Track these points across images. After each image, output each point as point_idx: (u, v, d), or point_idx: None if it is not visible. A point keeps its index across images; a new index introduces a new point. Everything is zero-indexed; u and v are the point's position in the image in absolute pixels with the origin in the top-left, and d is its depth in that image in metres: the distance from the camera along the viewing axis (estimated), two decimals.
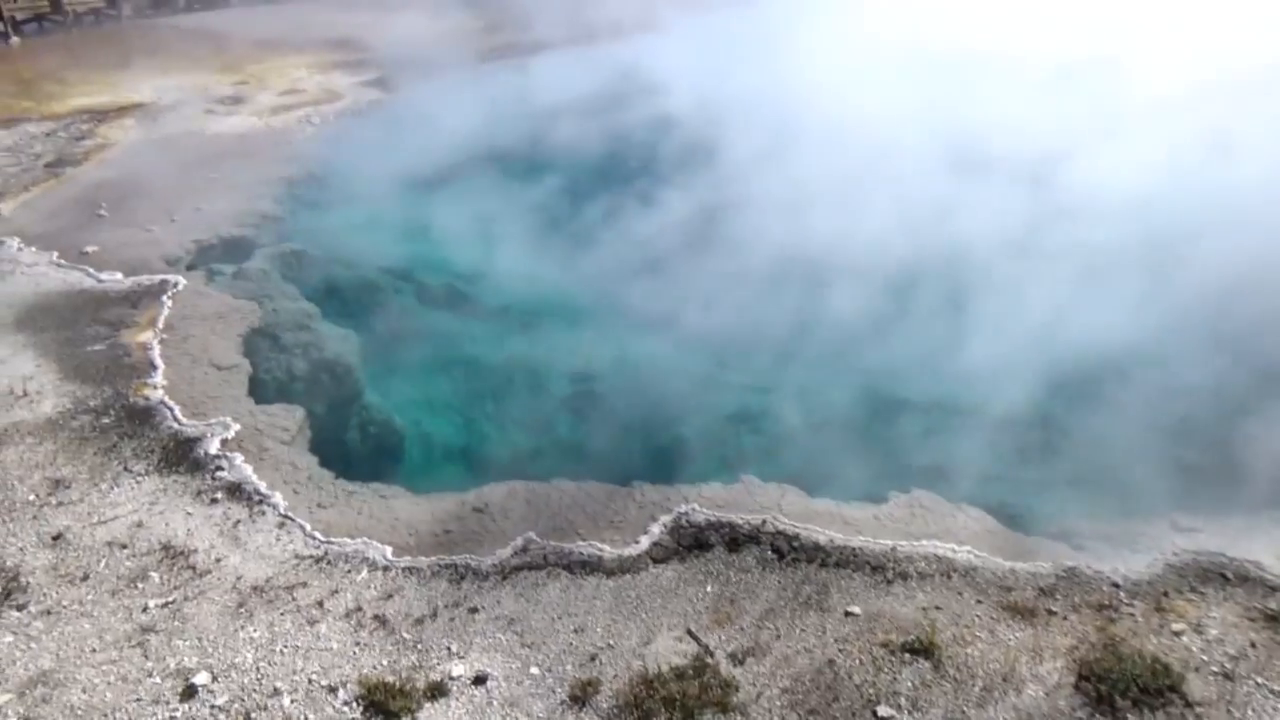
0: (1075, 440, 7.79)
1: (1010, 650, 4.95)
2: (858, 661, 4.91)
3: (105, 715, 4.67)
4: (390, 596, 5.45)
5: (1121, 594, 5.37)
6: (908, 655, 4.92)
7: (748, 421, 8.54)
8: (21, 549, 5.80)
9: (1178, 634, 5.04)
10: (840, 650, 4.99)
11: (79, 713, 4.69)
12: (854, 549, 5.76)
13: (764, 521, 5.98)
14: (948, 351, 8.75)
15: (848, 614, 5.25)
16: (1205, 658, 4.88)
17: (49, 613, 5.30)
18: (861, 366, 8.97)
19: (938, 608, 5.28)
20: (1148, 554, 5.74)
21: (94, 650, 5.04)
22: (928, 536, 5.90)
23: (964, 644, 5.00)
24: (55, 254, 10.34)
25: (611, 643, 5.09)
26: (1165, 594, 5.36)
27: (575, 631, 5.18)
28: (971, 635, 5.07)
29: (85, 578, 5.57)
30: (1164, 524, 6.09)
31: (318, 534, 5.99)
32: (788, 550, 5.76)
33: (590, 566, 5.68)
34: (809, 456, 7.83)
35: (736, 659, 4.95)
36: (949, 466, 7.46)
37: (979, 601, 5.32)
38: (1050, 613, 5.22)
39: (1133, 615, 5.20)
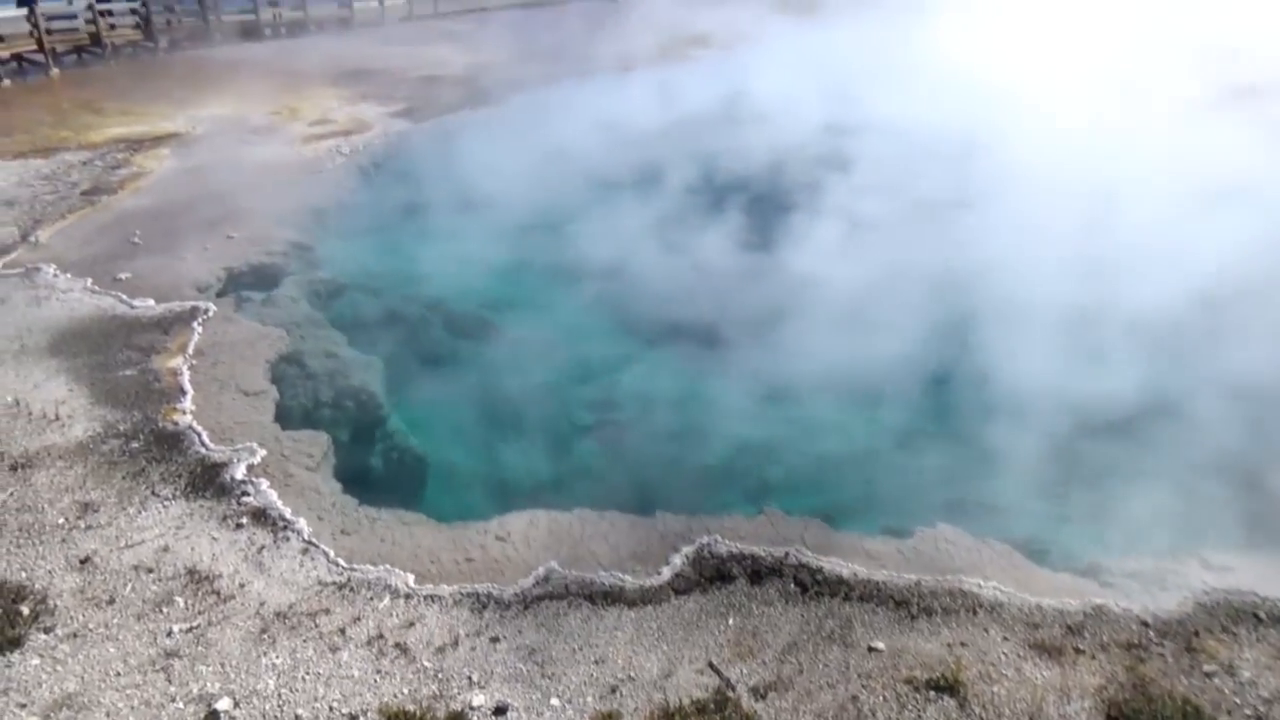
0: (1103, 474, 7.69)
1: (1037, 689, 4.88)
2: (882, 698, 4.85)
3: None
4: (412, 625, 5.45)
5: (1151, 633, 5.28)
6: (933, 693, 4.86)
7: (772, 453, 8.51)
8: (50, 571, 5.87)
9: (1209, 675, 4.95)
10: (864, 686, 4.93)
11: None
12: (878, 583, 5.71)
13: (787, 554, 5.95)
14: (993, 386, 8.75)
15: (871, 649, 5.20)
16: (1238, 700, 4.79)
17: (75, 635, 5.34)
18: (898, 400, 8.95)
19: (963, 644, 5.22)
20: (1177, 592, 5.65)
21: (118, 674, 5.07)
22: (953, 571, 5.84)
23: (990, 682, 4.93)
24: (89, 280, 10.52)
25: (632, 675, 5.06)
26: (1196, 634, 5.27)
27: (596, 663, 5.15)
28: (998, 673, 5.00)
29: (111, 601, 5.62)
30: (1194, 562, 6.00)
31: (341, 560, 6.02)
32: (811, 583, 5.72)
33: (612, 597, 5.67)
34: (833, 489, 7.80)
35: (758, 693, 4.91)
36: (974, 500, 7.40)
37: (1005, 638, 5.25)
38: (1078, 651, 5.14)
39: (1163, 655, 5.11)
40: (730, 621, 5.44)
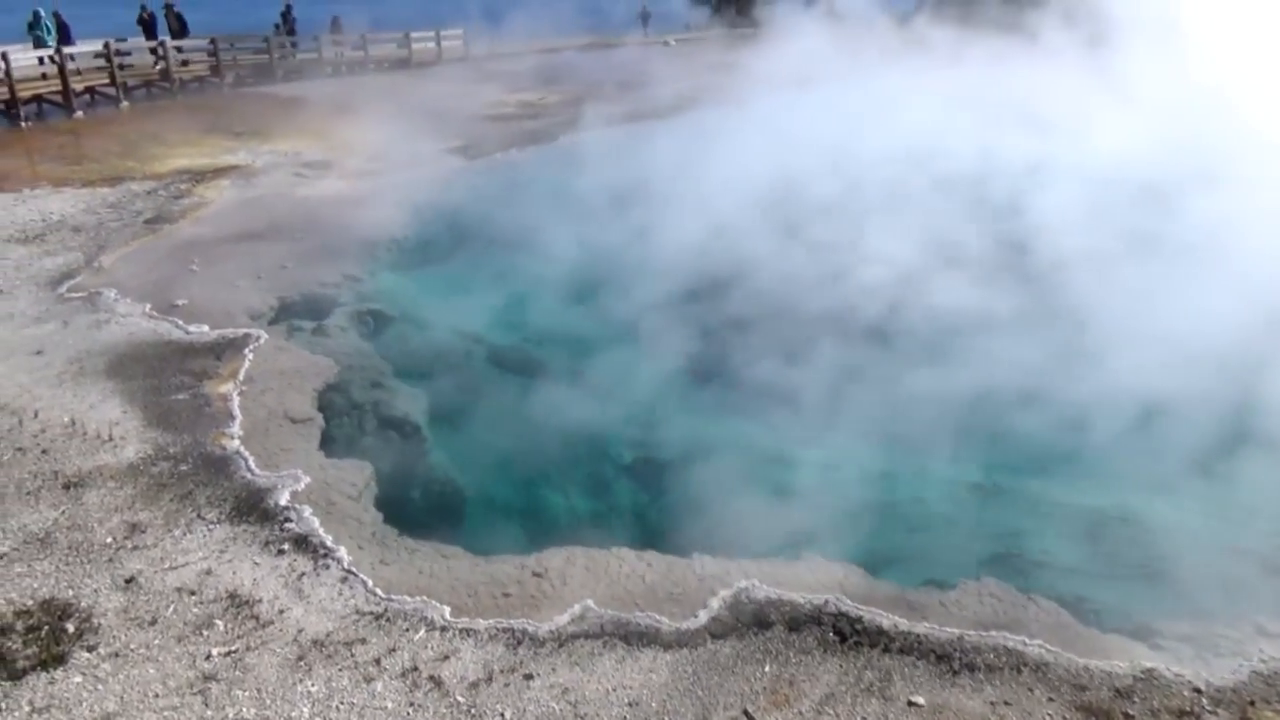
0: (1155, 533, 7.49)
1: None
2: None
3: None
4: (446, 658, 5.44)
5: (1204, 700, 5.09)
6: None
7: (811, 498, 8.41)
8: (96, 590, 5.97)
9: None
10: None
11: None
12: (919, 635, 5.59)
13: (826, 602, 5.86)
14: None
15: (911, 703, 5.07)
16: None
17: (117, 655, 5.41)
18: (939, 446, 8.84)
19: (1006, 703, 5.07)
20: (1232, 659, 5.45)
21: (157, 695, 5.12)
22: (997, 627, 5.70)
23: None
24: (148, 305, 10.81)
25: None
26: (1251, 703, 5.08)
27: (629, 705, 5.09)
28: None
29: (154, 622, 5.69)
30: (1249, 628, 5.79)
31: (379, 590, 6.04)
32: (850, 633, 5.62)
33: (647, 638, 5.61)
34: (874, 537, 7.68)
35: None
36: (1020, 555, 7.24)
37: (1050, 699, 5.10)
38: (1127, 716, 4.98)
39: None
40: (767, 669, 5.36)
